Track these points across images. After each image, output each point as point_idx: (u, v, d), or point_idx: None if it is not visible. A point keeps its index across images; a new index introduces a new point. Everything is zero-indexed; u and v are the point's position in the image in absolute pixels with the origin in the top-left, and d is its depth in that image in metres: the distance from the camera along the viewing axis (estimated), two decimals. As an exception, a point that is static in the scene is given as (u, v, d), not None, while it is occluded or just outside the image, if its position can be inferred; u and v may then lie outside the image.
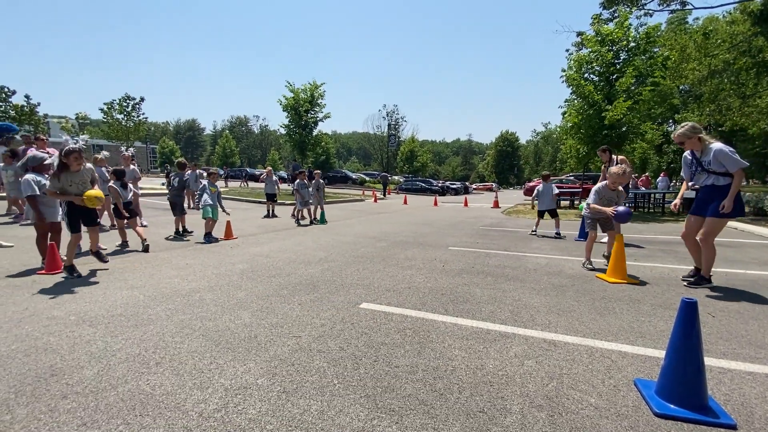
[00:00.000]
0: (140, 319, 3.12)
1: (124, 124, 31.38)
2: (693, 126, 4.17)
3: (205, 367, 2.34)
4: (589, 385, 2.22)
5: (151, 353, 2.52)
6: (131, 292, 3.84)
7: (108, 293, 3.80)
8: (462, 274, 4.81)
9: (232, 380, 2.20)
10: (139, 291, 3.90)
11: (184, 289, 3.99)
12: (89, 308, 3.36)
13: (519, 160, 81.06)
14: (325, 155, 42.10)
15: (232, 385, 2.15)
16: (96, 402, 1.97)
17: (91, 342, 2.68)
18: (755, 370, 2.41)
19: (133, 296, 3.72)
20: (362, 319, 3.22)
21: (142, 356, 2.48)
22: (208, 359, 2.45)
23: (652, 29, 13.27)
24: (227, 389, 2.10)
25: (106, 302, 3.52)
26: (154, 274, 4.56)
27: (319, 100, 21.20)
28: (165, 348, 2.60)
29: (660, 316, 3.35)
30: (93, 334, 2.81)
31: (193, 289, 4.00)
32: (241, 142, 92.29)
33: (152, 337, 2.77)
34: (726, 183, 4.00)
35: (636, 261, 5.55)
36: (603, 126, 12.69)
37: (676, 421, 1.89)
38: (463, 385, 2.20)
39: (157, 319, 3.14)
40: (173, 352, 2.54)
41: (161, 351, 2.55)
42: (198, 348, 2.61)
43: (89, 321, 3.06)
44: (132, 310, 3.34)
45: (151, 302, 3.55)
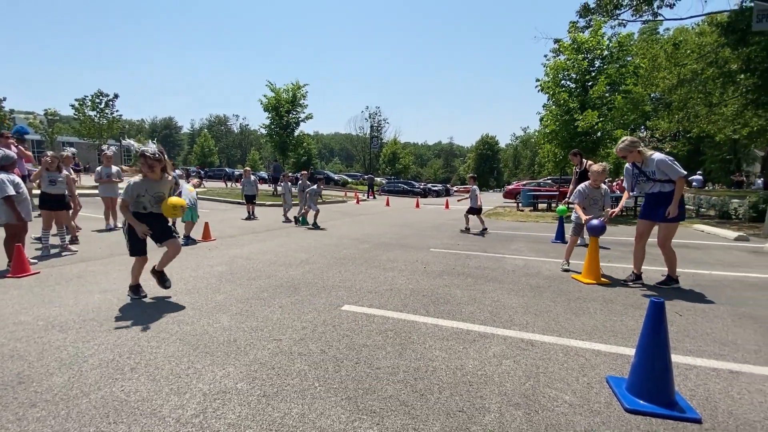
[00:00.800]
0: (114, 324, 3.03)
1: (96, 121, 30.30)
2: (632, 140, 4.46)
3: (183, 372, 2.30)
4: (564, 383, 2.29)
5: (125, 358, 2.45)
6: (104, 296, 3.72)
7: (79, 297, 3.67)
8: (443, 276, 4.87)
9: (210, 385, 2.16)
10: (113, 294, 3.78)
11: (161, 292, 3.89)
12: (59, 313, 3.23)
13: (499, 163, 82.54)
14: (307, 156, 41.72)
15: (211, 389, 2.12)
16: (67, 410, 1.90)
17: (62, 348, 2.58)
18: (719, 367, 2.54)
19: (106, 300, 3.61)
20: (344, 322, 3.22)
21: (116, 362, 2.41)
22: (186, 364, 2.40)
23: (625, 38, 13.78)
24: (206, 394, 2.07)
25: (77, 307, 3.40)
26: (128, 277, 4.39)
27: (301, 100, 21.02)
28: (140, 353, 2.54)
29: (631, 316, 3.48)
30: (63, 339, 2.71)
31: (169, 291, 3.91)
32: (220, 141, 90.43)
33: (127, 342, 2.69)
34: (671, 189, 4.26)
35: (609, 262, 5.75)
36: (578, 132, 13.08)
37: (645, 416, 1.97)
38: (443, 385, 2.24)
39: (131, 323, 3.05)
40: (149, 357, 2.47)
41: (136, 356, 2.49)
42: (175, 352, 2.55)
43: (59, 326, 2.95)
44: (105, 314, 3.24)
45: (125, 306, 3.45)
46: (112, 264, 5.05)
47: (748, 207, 11.26)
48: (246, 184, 11.53)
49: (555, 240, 8.00)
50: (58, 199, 5.62)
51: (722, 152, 35.17)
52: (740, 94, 16.57)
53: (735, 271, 5.43)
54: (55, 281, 4.19)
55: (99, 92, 30.44)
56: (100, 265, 4.96)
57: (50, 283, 4.13)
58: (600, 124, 12.84)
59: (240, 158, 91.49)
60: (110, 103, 30.98)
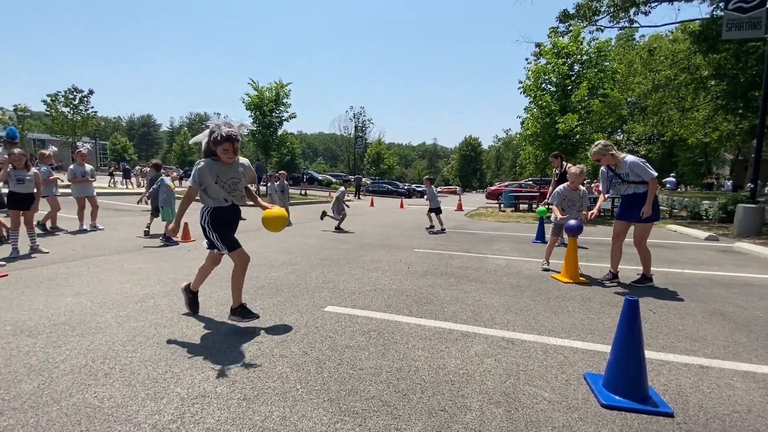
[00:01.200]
0: (87, 328, 2.92)
1: (70, 117, 29.24)
2: (605, 144, 4.60)
3: (160, 377, 2.24)
4: (543, 380, 2.33)
5: (99, 364, 2.37)
6: (77, 299, 3.59)
7: (50, 300, 3.53)
8: (426, 276, 4.90)
9: (189, 389, 2.11)
10: (86, 297, 3.65)
11: (137, 294, 3.78)
12: (28, 317, 3.10)
13: (482, 164, 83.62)
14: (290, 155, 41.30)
15: (189, 394, 2.07)
16: (36, 418, 1.83)
17: (31, 353, 2.48)
18: (690, 362, 2.63)
19: (78, 303, 3.48)
20: (327, 323, 3.20)
21: (89, 367, 2.32)
22: (163, 368, 2.34)
23: (603, 44, 14.18)
24: (183, 399, 2.02)
25: (47, 310, 3.27)
26: (102, 279, 4.29)
27: (285, 99, 20.81)
28: (115, 358, 2.46)
29: (608, 314, 3.58)
30: (33, 344, 2.61)
31: (146, 294, 3.80)
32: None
33: (101, 347, 2.61)
34: (645, 191, 4.41)
35: (587, 262, 5.89)
36: (558, 135, 13.38)
37: (620, 411, 2.02)
38: (426, 384, 2.25)
39: (106, 327, 2.96)
40: (124, 362, 2.40)
41: (111, 361, 2.41)
42: (152, 356, 2.49)
43: (28, 331, 2.83)
44: (78, 318, 3.13)
45: (100, 309, 3.34)
46: (86, 266, 4.89)
47: (717, 208, 11.74)
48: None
49: (536, 240, 8.15)
50: (26, 199, 5.40)
51: (694, 155, 36.53)
52: (711, 100, 17.27)
53: (705, 269, 5.65)
54: (25, 284, 4.03)
55: (73, 88, 29.40)
56: (73, 267, 4.79)
57: (19, 285, 3.96)
58: (579, 127, 13.17)
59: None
60: (84, 100, 29.96)
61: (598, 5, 16.05)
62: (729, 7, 9.49)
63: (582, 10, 16.14)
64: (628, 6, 15.69)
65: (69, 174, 7.71)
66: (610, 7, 16.02)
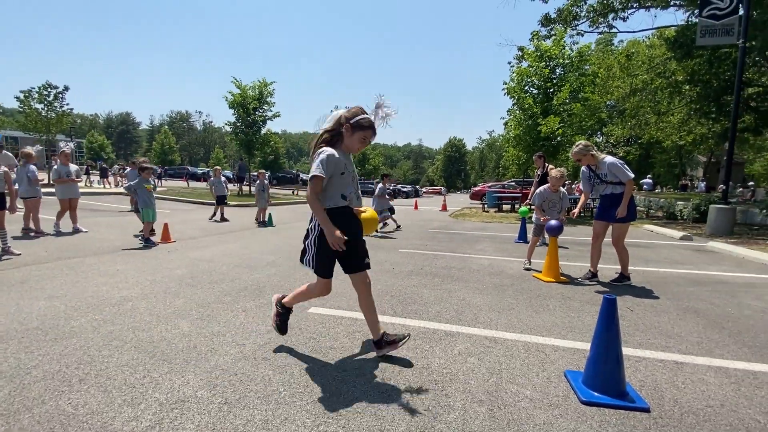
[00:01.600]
0: (61, 332, 2.82)
1: (44, 114, 28.21)
2: (585, 144, 4.70)
3: (137, 382, 2.18)
4: (525, 378, 2.37)
5: (73, 369, 2.29)
6: (50, 303, 3.47)
7: (22, 304, 3.39)
8: (411, 276, 4.91)
9: (168, 394, 2.06)
10: (60, 301, 3.53)
11: (114, 297, 3.68)
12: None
13: (466, 165, 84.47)
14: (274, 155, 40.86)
15: (168, 399, 2.02)
16: (7, 426, 1.75)
17: (1, 360, 2.38)
18: (665, 358, 2.71)
19: (52, 307, 3.36)
20: (311, 324, 3.17)
21: (63, 373, 2.25)
22: (141, 373, 2.28)
23: (584, 48, 14.50)
24: (162, 404, 1.97)
25: (19, 314, 3.15)
26: (78, 282, 4.15)
27: (268, 98, 20.56)
28: (90, 363, 2.38)
29: (587, 312, 3.66)
30: (3, 350, 2.50)
31: (124, 297, 3.70)
32: (181, 138, 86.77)
33: (75, 352, 2.52)
34: (622, 191, 4.51)
35: (568, 261, 6.01)
36: (540, 137, 13.62)
37: (599, 407, 2.07)
38: (410, 385, 2.25)
39: (81, 331, 2.86)
40: (100, 367, 2.33)
41: (86, 366, 2.33)
42: (129, 361, 2.42)
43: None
44: (51, 322, 3.02)
45: (74, 313, 3.23)
46: (60, 268, 4.72)
47: (691, 209, 12.15)
48: (216, 184, 10.75)
49: (518, 240, 8.27)
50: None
51: (669, 157, 37.75)
52: (685, 104, 17.86)
53: (680, 268, 5.84)
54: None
55: (47, 84, 28.35)
56: (46, 269, 4.63)
57: (-12, 289, 3.80)
58: (561, 129, 13.44)
59: (203, 156, 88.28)
60: (60, 96, 28.94)
61: (578, 10, 16.42)
62: (703, 14, 9.83)
63: (563, 14, 16.48)
64: (607, 12, 16.09)
65: (54, 174, 7.39)
66: (590, 13, 16.40)
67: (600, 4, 15.94)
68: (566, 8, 16.38)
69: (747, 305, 4.02)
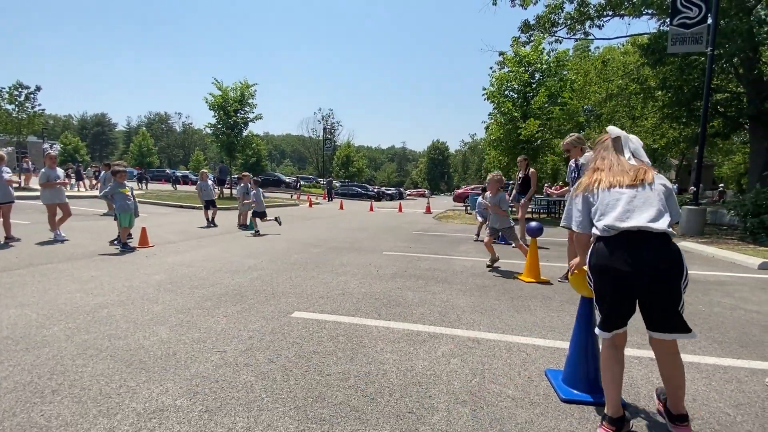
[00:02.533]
0: (32, 342, 2.72)
1: (15, 115, 27.11)
2: (579, 137, 4.72)
3: (113, 392, 2.11)
4: (507, 378, 2.41)
5: (45, 380, 2.21)
6: (21, 311, 3.33)
7: (-11, 313, 3.25)
8: (395, 278, 4.92)
9: (145, 403, 2.01)
10: (31, 309, 3.39)
11: (88, 304, 3.56)
12: (-37, 332, 2.84)
13: (449, 168, 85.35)
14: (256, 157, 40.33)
15: (146, 408, 1.97)
16: (-30, 443, 1.68)
17: (-35, 372, 2.27)
18: (641, 355, 2.80)
19: (23, 315, 3.23)
20: (294, 329, 3.14)
21: (35, 384, 2.16)
22: (117, 382, 2.21)
23: (562, 54, 14.88)
24: (140, 413, 1.92)
25: (-14, 324, 3.01)
26: (49, 289, 4.00)
27: (250, 99, 20.33)
28: (64, 373, 2.30)
29: (567, 311, 3.74)
30: (-33, 362, 2.39)
31: (99, 304, 3.58)
32: (160, 140, 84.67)
33: (47, 362, 2.43)
34: None
35: (548, 262, 6.14)
36: (520, 140, 13.89)
37: (579, 404, 2.12)
38: (394, 387, 2.26)
39: (53, 340, 2.76)
40: (74, 377, 2.25)
41: (59, 377, 2.25)
42: (105, 370, 2.34)
43: (-38, 347, 2.59)
44: (22, 331, 2.90)
45: (46, 321, 3.11)
46: (31, 275, 4.54)
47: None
48: (203, 188, 10.29)
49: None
50: None
51: (646, 160, 38.89)
52: (658, 109, 18.50)
53: (655, 267, 6.03)
54: (-41, 296, 3.69)
55: (18, 84, 27.29)
56: (16, 276, 4.44)
57: (-48, 298, 3.62)
58: (540, 132, 13.74)
59: (183, 159, 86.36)
60: (31, 96, 27.88)
61: (556, 17, 16.84)
62: (674, 23, 10.23)
63: (542, 21, 16.87)
64: (584, 19, 16.56)
65: (41, 178, 7.00)
66: (567, 20, 16.85)
67: (577, 11, 16.39)
68: (545, 15, 16.78)
69: (717, 302, 4.18)
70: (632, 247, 1.77)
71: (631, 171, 1.93)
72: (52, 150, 7.85)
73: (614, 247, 1.80)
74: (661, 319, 1.82)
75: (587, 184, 2.01)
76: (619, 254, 1.77)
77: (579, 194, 2.02)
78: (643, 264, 1.74)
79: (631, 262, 1.74)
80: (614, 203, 1.86)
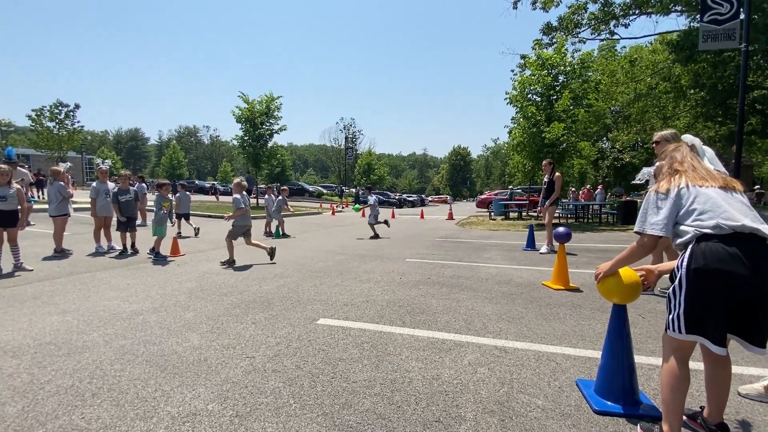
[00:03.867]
0: (73, 347, 2.86)
1: (55, 132, 28.87)
2: (673, 132, 4.04)
3: (149, 395, 2.19)
4: (536, 388, 2.34)
5: (86, 384, 2.32)
6: (62, 317, 3.51)
7: (35, 319, 3.44)
8: (419, 286, 4.90)
9: (179, 407, 2.08)
10: (72, 315, 3.57)
11: (125, 311, 3.72)
12: (12, 337, 3.02)
13: (471, 173, 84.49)
14: (281, 167, 41.30)
15: (180, 412, 2.03)
16: (20, 442, 1.78)
17: (15, 375, 2.41)
18: (678, 365, 2.66)
19: (64, 322, 3.41)
20: (319, 336, 3.17)
21: (76, 388, 2.27)
22: (153, 386, 2.30)
23: (586, 55, 14.56)
24: (174, 417, 1.98)
25: (32, 330, 3.19)
26: (89, 297, 4.21)
27: (275, 112, 20.86)
28: (103, 377, 2.41)
29: (598, 319, 3.62)
30: (17, 366, 2.54)
31: (135, 311, 3.74)
32: (189, 153, 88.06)
33: (88, 366, 2.55)
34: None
35: (577, 268, 5.96)
36: (545, 144, 13.62)
37: (612, 416, 2.04)
38: (420, 396, 2.24)
39: (93, 345, 2.90)
40: (112, 381, 2.35)
41: (98, 381, 2.36)
42: (141, 375, 2.44)
43: (12, 352, 2.76)
44: (64, 337, 3.06)
45: (87, 327, 3.27)
46: (72, 283, 4.79)
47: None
48: (269, 203, 10.50)
49: (526, 248, 8.22)
50: (8, 216, 5.30)
51: (677, 162, 37.30)
52: (690, 108, 17.78)
53: (692, 273, 5.74)
54: (8, 303, 3.93)
55: (58, 102, 29.09)
56: (58, 285, 4.69)
57: (2, 304, 3.86)
58: (565, 135, 13.43)
59: (211, 170, 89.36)
60: (70, 114, 29.65)
61: (580, 18, 16.53)
62: (704, 19, 9.84)
63: (564, 22, 16.60)
64: (609, 19, 16.18)
65: (92, 192, 7.25)
66: (591, 20, 16.51)
67: (601, 11, 16.05)
68: (567, 16, 16.51)
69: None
70: (748, 249, 1.62)
71: (719, 177, 1.84)
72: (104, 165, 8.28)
73: (728, 248, 1.63)
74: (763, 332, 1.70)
75: (673, 183, 1.86)
76: (735, 256, 1.61)
77: (663, 193, 1.86)
78: (761, 269, 1.59)
79: (749, 266, 1.59)
80: (715, 202, 1.73)
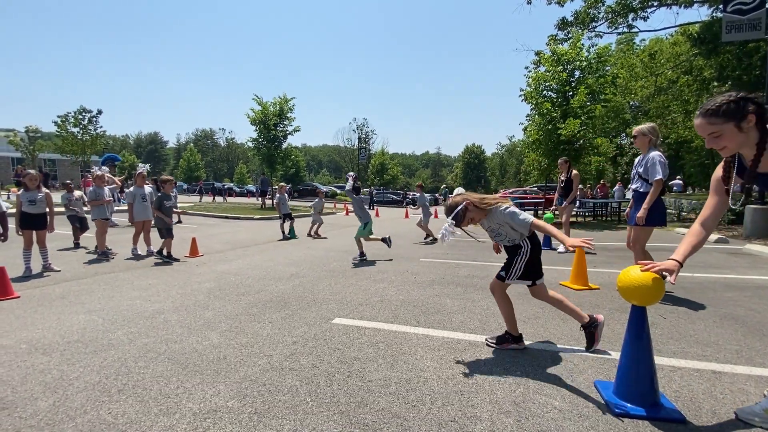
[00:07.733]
0: (99, 345, 2.97)
1: (80, 137, 29.86)
2: (652, 126, 4.10)
3: (172, 392, 2.26)
4: (553, 388, 2.32)
5: (112, 380, 2.41)
6: (89, 316, 3.65)
7: (63, 318, 3.59)
8: (433, 285, 4.90)
9: (200, 404, 2.14)
10: (98, 314, 3.71)
11: (147, 310, 3.83)
12: (42, 335, 3.16)
13: (485, 171, 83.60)
14: (295, 168, 41.69)
15: (201, 409, 2.09)
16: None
17: (46, 371, 2.52)
18: (702, 368, 2.60)
19: (91, 320, 3.54)
20: (335, 335, 3.21)
21: (103, 384, 2.36)
22: (175, 383, 2.37)
23: (602, 50, 14.22)
24: (196, 414, 2.04)
25: (60, 328, 3.33)
26: (113, 296, 4.35)
27: (289, 113, 21.08)
28: (128, 374, 2.49)
29: (617, 320, 3.55)
30: (47, 362, 2.65)
31: (156, 310, 3.85)
32: (206, 155, 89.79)
33: (113, 363, 2.64)
34: (646, 190, 4.04)
35: (595, 267, 5.85)
36: (561, 141, 13.38)
37: (632, 419, 2.01)
38: (435, 395, 2.25)
39: (118, 343, 3.00)
40: (137, 378, 2.43)
41: (123, 377, 2.45)
42: (163, 372, 2.52)
43: (42, 349, 2.88)
44: (90, 335, 3.18)
45: (111, 326, 3.39)
46: (97, 283, 4.96)
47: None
48: (283, 202, 10.44)
49: (543, 247, 8.10)
50: (38, 219, 5.52)
51: (701, 157, 36.23)
52: (714, 101, 17.21)
53: (716, 272, 5.58)
54: (38, 302, 4.10)
55: (82, 108, 30.08)
56: (84, 285, 4.87)
57: (32, 304, 4.04)
58: (581, 132, 13.17)
59: (227, 172, 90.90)
60: (93, 119, 30.62)
61: (596, 12, 16.19)
62: (728, 10, 9.54)
63: (580, 17, 16.29)
64: (626, 12, 15.81)
65: (128, 197, 7.30)
66: (608, 14, 16.15)
67: (618, 4, 15.68)
68: (583, 10, 16.20)
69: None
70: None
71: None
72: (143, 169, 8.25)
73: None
74: None
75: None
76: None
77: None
78: None
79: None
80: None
